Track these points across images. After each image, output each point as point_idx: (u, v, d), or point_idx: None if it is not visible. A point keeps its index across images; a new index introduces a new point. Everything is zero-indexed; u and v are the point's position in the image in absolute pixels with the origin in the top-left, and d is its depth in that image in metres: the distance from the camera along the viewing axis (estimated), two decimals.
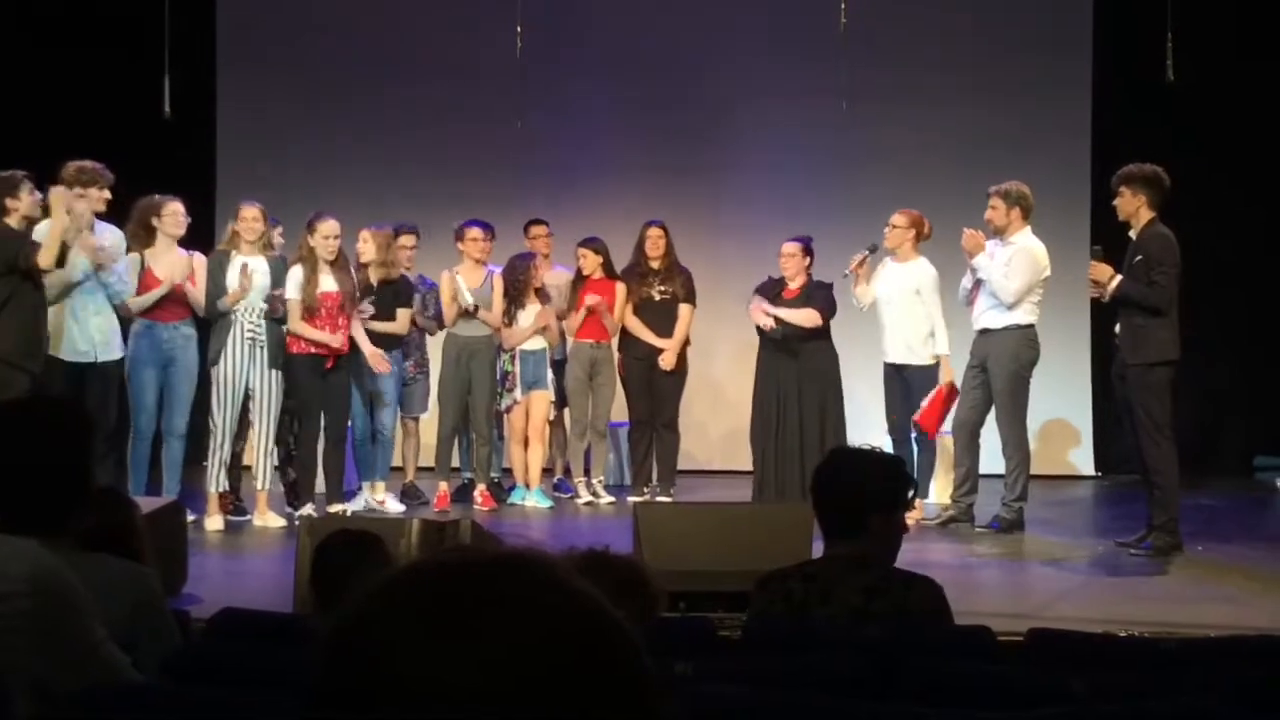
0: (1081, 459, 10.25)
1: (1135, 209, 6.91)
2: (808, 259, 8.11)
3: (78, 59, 10.09)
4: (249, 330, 7.64)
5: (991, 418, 7.70)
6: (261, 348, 7.65)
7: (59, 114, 9.84)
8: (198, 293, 7.70)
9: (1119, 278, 6.84)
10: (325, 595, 3.24)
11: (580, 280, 8.71)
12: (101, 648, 2.37)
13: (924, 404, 7.80)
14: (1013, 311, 7.54)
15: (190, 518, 6.62)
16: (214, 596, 5.14)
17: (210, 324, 7.73)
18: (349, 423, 8.10)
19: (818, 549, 5.91)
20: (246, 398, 7.66)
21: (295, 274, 7.78)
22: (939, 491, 8.45)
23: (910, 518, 7.56)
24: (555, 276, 8.86)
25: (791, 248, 8.13)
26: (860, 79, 9.78)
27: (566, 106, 10.45)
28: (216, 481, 7.63)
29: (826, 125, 10.09)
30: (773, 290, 8.14)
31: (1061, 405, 9.93)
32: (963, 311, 7.88)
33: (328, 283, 7.82)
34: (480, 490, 8.37)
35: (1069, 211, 9.69)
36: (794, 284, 8.10)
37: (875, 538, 3.30)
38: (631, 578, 3.04)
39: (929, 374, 7.90)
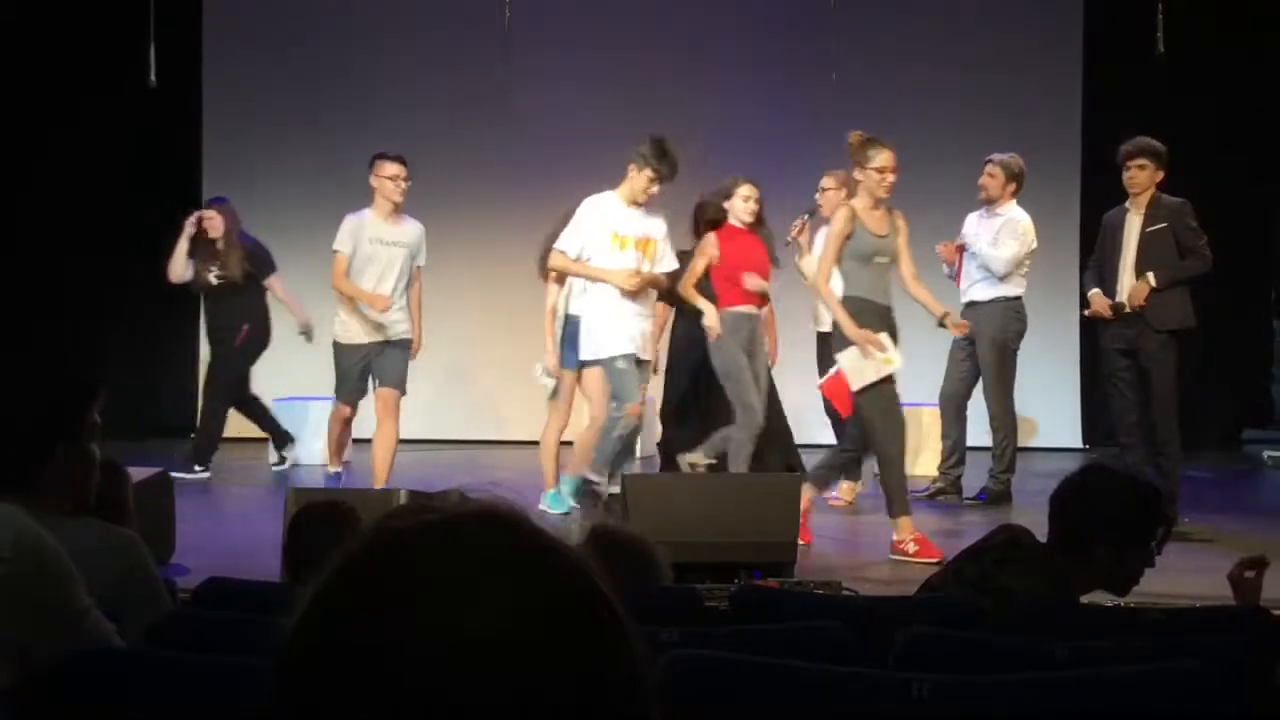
0: (1069, 431, 10.28)
1: (1153, 181, 6.91)
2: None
3: (61, 26, 10.02)
4: None
5: (978, 390, 7.72)
6: None
7: (43, 82, 9.78)
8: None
9: (1149, 276, 6.81)
10: (297, 566, 3.23)
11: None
12: (87, 615, 2.36)
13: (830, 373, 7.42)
14: (1001, 284, 7.54)
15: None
16: (201, 566, 5.14)
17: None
18: None
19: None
20: None
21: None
22: (924, 465, 8.48)
23: (845, 499, 7.56)
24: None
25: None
26: (850, 51, 9.75)
27: (554, 78, 10.41)
28: None
29: (816, 97, 10.06)
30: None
31: (1049, 378, 9.94)
32: (947, 286, 7.83)
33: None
34: None
35: (1059, 184, 9.69)
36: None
37: (1098, 567, 3.17)
38: (642, 553, 3.04)
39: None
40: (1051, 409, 10.18)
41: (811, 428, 8.44)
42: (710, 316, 6.91)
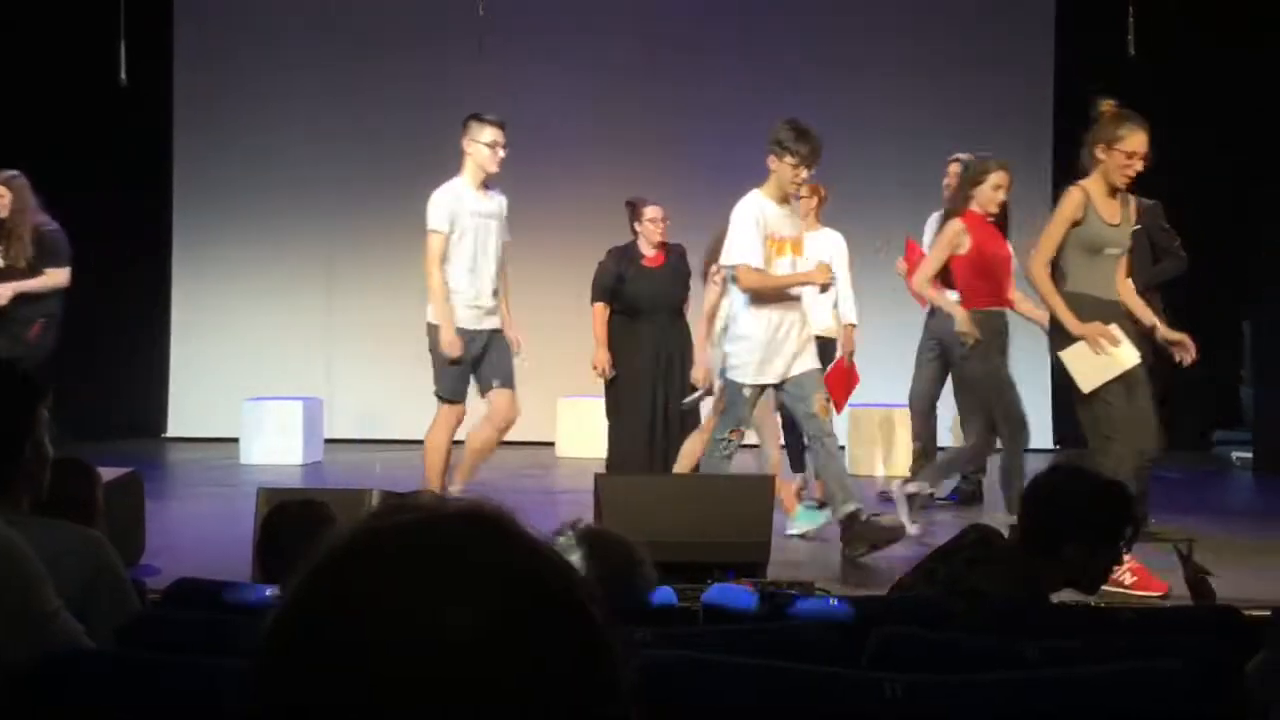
0: (1040, 431, 10.31)
1: None
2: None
3: (31, 24, 9.95)
4: None
5: (948, 390, 7.74)
6: None
7: (12, 81, 9.70)
8: None
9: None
10: (270, 565, 3.22)
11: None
12: (56, 617, 2.34)
13: (828, 370, 7.50)
14: None
15: None
16: (171, 567, 5.10)
17: None
18: None
19: (778, 521, 5.98)
20: None
21: None
22: (895, 465, 8.52)
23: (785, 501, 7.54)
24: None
25: (662, 211, 7.57)
26: (825, 49, 9.78)
27: (531, 58, 10.38)
28: None
29: (787, 98, 10.08)
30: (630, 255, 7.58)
31: (1020, 378, 9.96)
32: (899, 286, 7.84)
33: None
34: None
35: (1031, 183, 9.72)
36: (654, 251, 7.56)
37: (1067, 567, 3.17)
38: (630, 557, 3.03)
39: (834, 345, 7.76)
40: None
41: None
42: (962, 320, 6.36)
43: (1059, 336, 5.51)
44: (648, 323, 7.44)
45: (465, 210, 6.55)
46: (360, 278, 10.56)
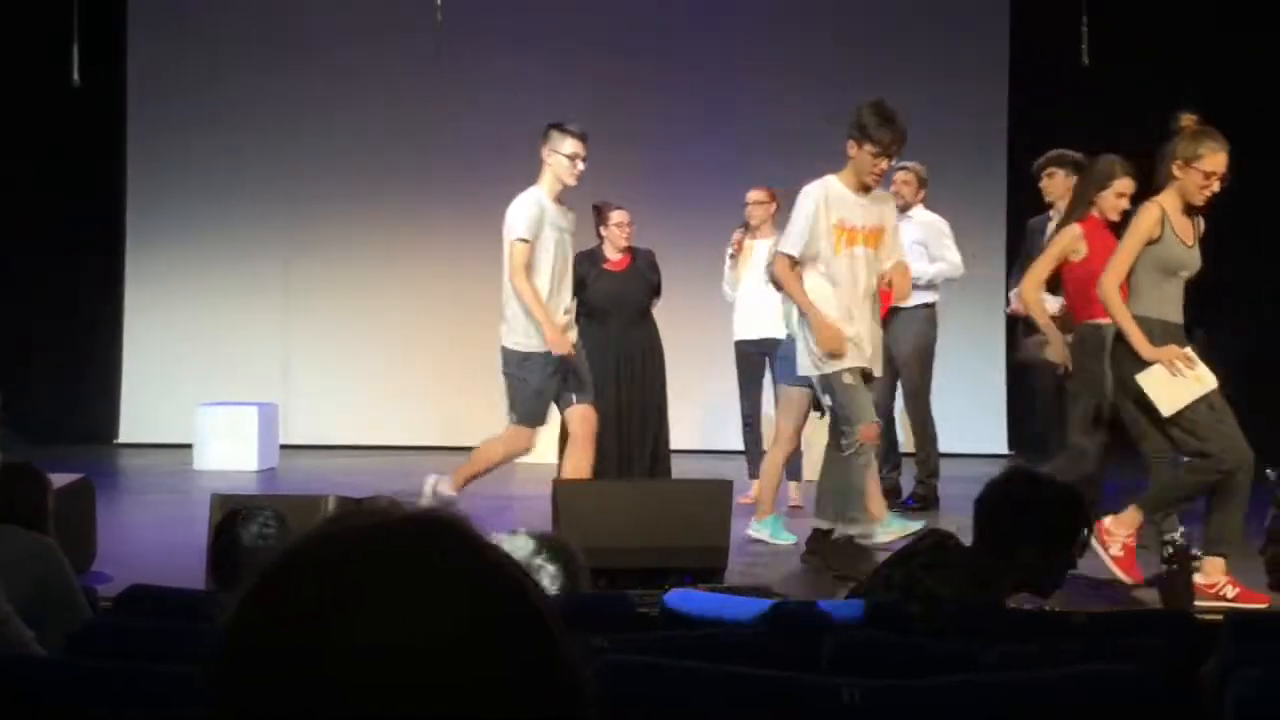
0: (995, 437, 10.39)
1: (1066, 190, 7.01)
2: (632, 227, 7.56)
3: None
4: None
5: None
6: None
7: None
8: None
9: None
10: (224, 573, 3.19)
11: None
12: (7, 623, 2.31)
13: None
14: (924, 290, 7.60)
15: None
16: (123, 573, 5.05)
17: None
18: None
19: (737, 526, 5.98)
20: None
21: None
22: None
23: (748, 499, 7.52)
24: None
25: (628, 216, 7.54)
26: (777, 58, 9.82)
27: (487, 61, 10.35)
28: None
29: (743, 103, 10.11)
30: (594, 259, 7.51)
31: (975, 383, 10.06)
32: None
33: None
34: None
35: (985, 191, 9.82)
36: (619, 255, 7.54)
37: (1022, 570, 3.19)
38: (575, 559, 3.03)
39: (790, 348, 7.74)
40: (977, 414, 10.29)
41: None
42: (1057, 346, 6.05)
43: (1128, 358, 5.22)
44: (609, 325, 7.43)
45: (547, 223, 6.25)
46: (317, 282, 10.50)
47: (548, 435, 9.51)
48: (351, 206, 9.88)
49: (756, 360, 7.78)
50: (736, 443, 8.21)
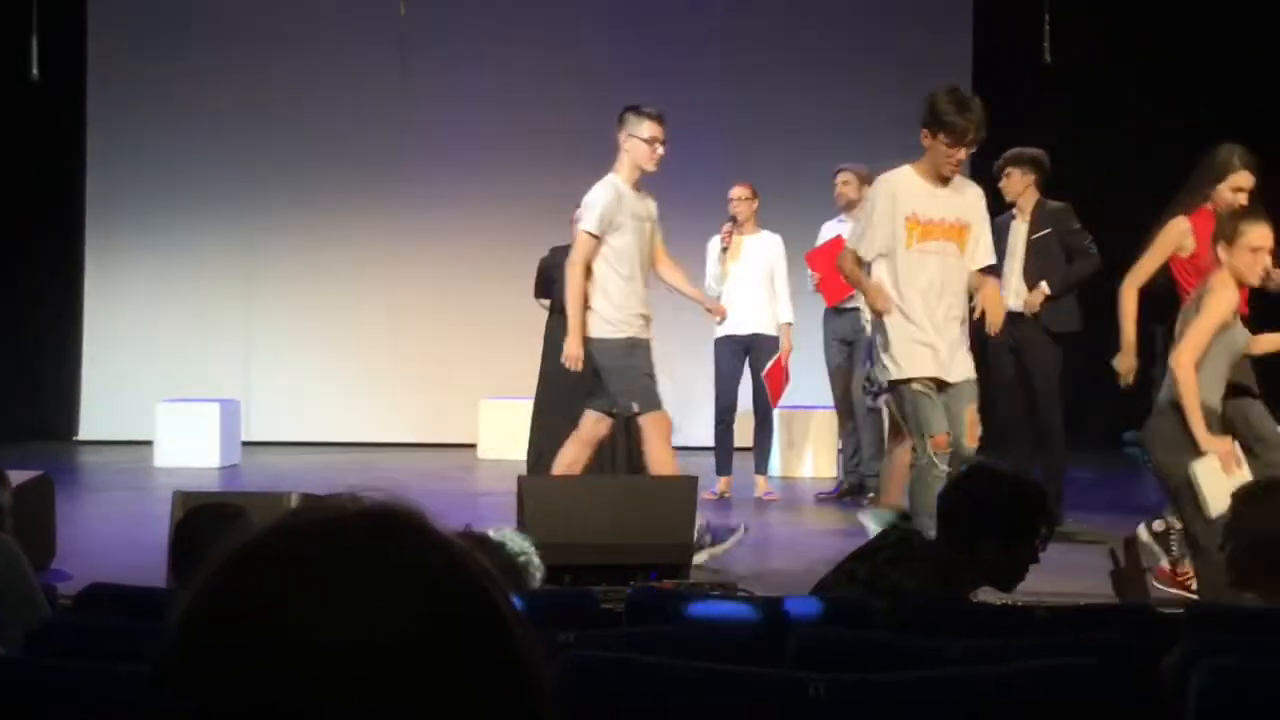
0: None
1: (1024, 189, 7.06)
2: None
3: None
4: None
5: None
6: None
7: None
8: None
9: (1043, 285, 6.90)
10: (186, 571, 3.17)
11: None
12: None
13: (768, 367, 7.77)
14: None
15: None
16: (84, 572, 5.00)
17: None
18: None
19: (702, 520, 5.99)
20: None
21: None
22: (821, 466, 8.63)
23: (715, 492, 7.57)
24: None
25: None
26: (743, 56, 9.82)
27: (447, 77, 10.33)
28: None
29: (708, 102, 10.11)
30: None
31: None
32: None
33: None
34: None
35: None
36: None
37: (984, 565, 3.21)
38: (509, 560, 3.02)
39: (774, 343, 7.89)
40: None
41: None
42: (1128, 357, 5.82)
43: (1180, 440, 4.90)
44: None
45: (625, 211, 5.96)
46: (278, 279, 10.44)
47: (509, 430, 9.53)
48: (314, 203, 9.82)
49: (740, 356, 7.83)
50: (703, 438, 8.22)
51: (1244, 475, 4.73)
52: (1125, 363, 5.98)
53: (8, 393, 9.97)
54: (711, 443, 8.03)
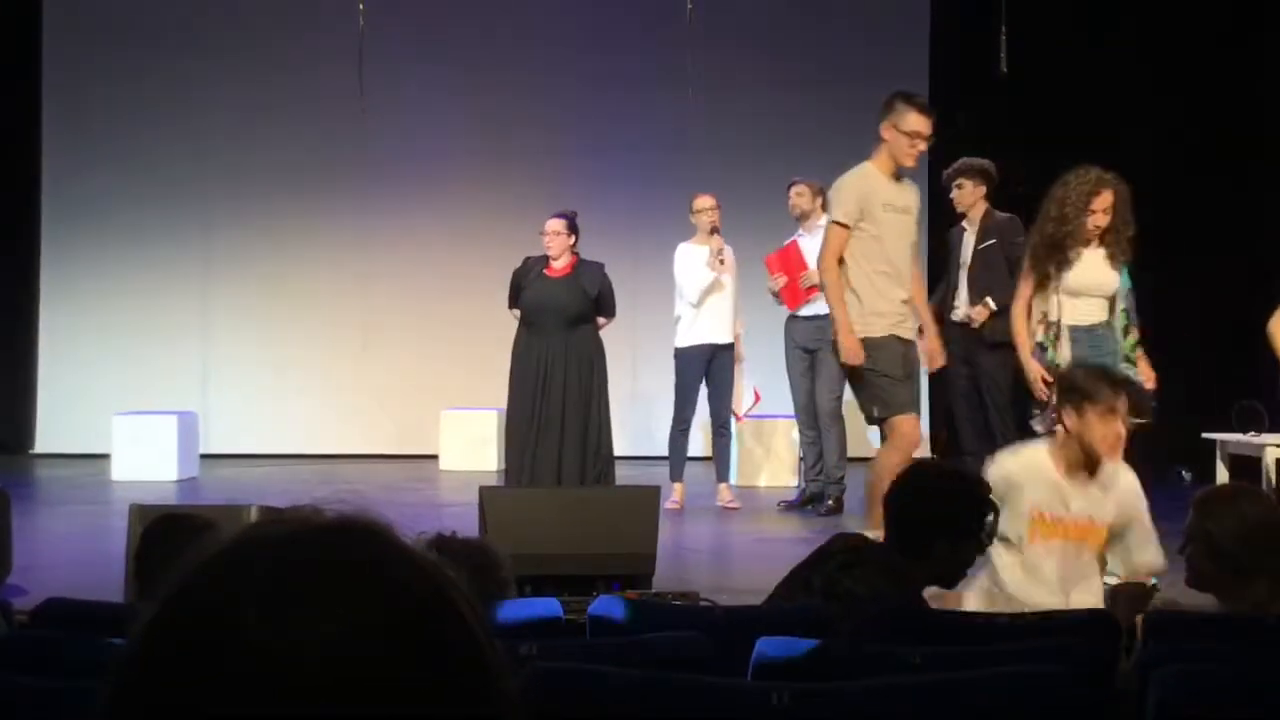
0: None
1: (975, 200, 7.14)
2: (572, 237, 7.42)
3: None
4: None
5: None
6: None
7: None
8: None
9: (988, 300, 6.98)
10: (148, 585, 3.13)
11: None
12: None
13: (749, 407, 7.92)
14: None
15: None
16: (40, 587, 4.95)
17: None
18: None
19: (664, 530, 5.99)
20: None
21: None
22: (781, 475, 8.65)
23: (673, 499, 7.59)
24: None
25: (556, 224, 7.39)
26: (704, 67, 9.85)
27: (407, 88, 10.31)
28: None
29: (672, 112, 10.13)
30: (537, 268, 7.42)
31: None
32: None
33: None
34: None
35: None
36: (560, 263, 7.39)
37: (935, 564, 3.24)
38: (483, 562, 3.00)
39: (731, 350, 7.95)
40: None
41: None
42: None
43: None
44: (537, 332, 7.39)
45: (878, 202, 5.64)
46: (235, 289, 10.37)
47: (470, 442, 9.50)
48: (271, 210, 9.76)
49: (704, 365, 7.86)
50: (663, 449, 8.22)
51: None
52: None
53: None
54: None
